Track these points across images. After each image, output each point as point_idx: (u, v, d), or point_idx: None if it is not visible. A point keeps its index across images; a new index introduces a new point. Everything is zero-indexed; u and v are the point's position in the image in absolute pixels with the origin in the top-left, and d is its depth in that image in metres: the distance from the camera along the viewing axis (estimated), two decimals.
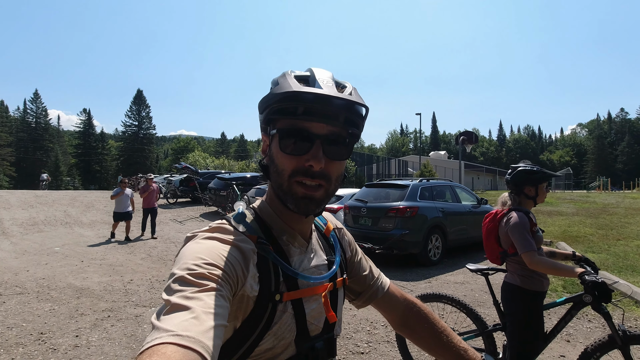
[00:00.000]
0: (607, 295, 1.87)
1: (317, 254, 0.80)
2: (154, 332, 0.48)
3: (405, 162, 34.53)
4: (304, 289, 0.73)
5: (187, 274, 0.56)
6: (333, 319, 0.77)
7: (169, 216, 13.66)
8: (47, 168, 54.93)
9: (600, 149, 74.14)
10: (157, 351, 0.44)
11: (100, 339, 3.57)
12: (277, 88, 0.67)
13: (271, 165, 0.72)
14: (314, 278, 0.75)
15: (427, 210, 6.87)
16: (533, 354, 2.19)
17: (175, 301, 0.52)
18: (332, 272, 0.79)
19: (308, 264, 0.76)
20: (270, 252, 0.69)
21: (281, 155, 0.69)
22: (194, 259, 0.59)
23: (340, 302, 0.85)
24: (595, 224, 10.13)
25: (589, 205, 14.37)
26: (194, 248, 0.63)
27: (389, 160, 34.53)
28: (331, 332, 0.79)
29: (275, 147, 0.70)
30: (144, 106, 67.43)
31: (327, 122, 0.67)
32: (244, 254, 0.65)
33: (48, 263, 6.73)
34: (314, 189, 0.69)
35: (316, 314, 0.75)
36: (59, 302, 4.61)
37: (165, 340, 0.46)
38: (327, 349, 0.77)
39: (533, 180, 2.27)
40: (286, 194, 0.70)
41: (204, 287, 0.55)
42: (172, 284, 0.55)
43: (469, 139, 21.01)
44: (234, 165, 32.21)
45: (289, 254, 0.74)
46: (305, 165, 0.67)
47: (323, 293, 0.75)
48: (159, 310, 0.52)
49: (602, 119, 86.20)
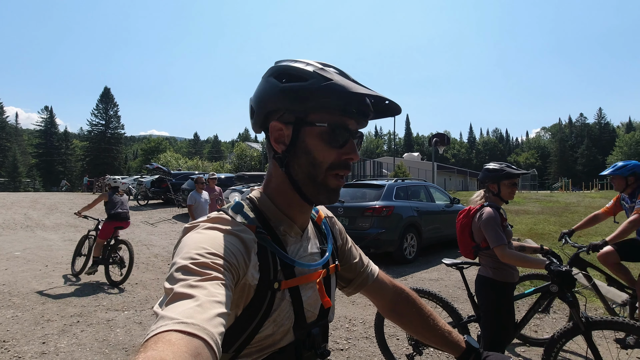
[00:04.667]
0: (572, 282, 2.01)
1: (311, 242, 0.82)
2: (159, 321, 0.47)
3: (379, 163, 34.98)
4: (301, 276, 0.75)
5: (191, 263, 0.56)
6: (328, 304, 0.79)
7: (140, 218, 13.21)
8: (4, 169, 51.70)
9: (562, 152, 78.41)
10: (162, 338, 0.44)
11: (70, 345, 3.41)
12: (336, 85, 0.67)
13: (302, 157, 0.72)
14: (309, 265, 0.77)
15: (402, 210, 7.03)
16: (505, 342, 2.31)
17: (178, 290, 0.52)
18: (325, 259, 0.82)
19: (304, 252, 0.78)
20: (269, 242, 0.71)
21: (323, 147, 0.71)
22: (197, 248, 0.59)
23: (333, 288, 0.87)
24: (558, 221, 10.71)
25: (552, 204, 15.16)
26: (196, 238, 0.63)
27: (364, 161, 34.88)
28: (325, 318, 0.82)
29: (315, 140, 0.71)
30: (112, 105, 64.93)
31: (358, 119, 0.73)
32: (245, 243, 0.66)
33: (8, 268, 6.34)
34: (343, 180, 0.74)
35: (312, 301, 0.77)
36: (22, 309, 4.36)
37: (170, 327, 0.46)
38: (322, 334, 0.80)
39: (493, 178, 2.39)
40: (319, 185, 0.72)
41: (207, 276, 0.55)
42: (175, 273, 0.55)
43: (441, 141, 21.63)
44: (208, 166, 31.60)
45: (285, 243, 0.75)
46: (343, 158, 0.72)
47: (317, 279, 0.78)
48: (162, 300, 0.53)
49: (564, 123, 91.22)
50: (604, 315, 4.02)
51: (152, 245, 8.65)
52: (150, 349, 0.43)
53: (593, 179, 42.38)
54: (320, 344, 0.79)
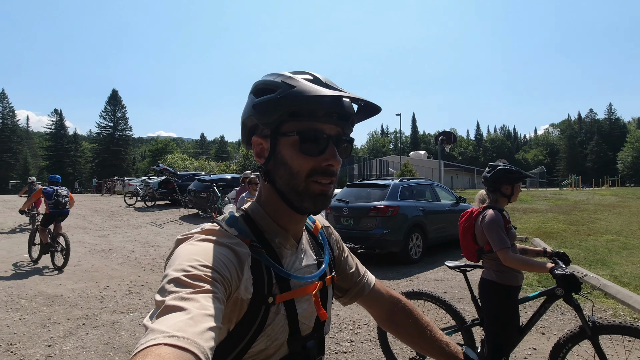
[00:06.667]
0: (577, 286, 1.96)
1: (307, 253, 0.81)
2: (148, 334, 0.46)
3: (386, 162, 34.91)
4: (296, 289, 0.73)
5: (183, 275, 0.55)
6: (324, 316, 0.78)
7: (147, 219, 13.32)
8: (15, 171, 52.57)
9: (571, 148, 77.35)
10: (151, 352, 0.43)
11: (75, 348, 3.44)
12: (297, 91, 0.66)
13: (280, 168, 0.71)
14: (305, 278, 0.76)
15: (407, 210, 6.98)
16: (510, 346, 2.26)
17: (169, 302, 0.51)
18: (321, 271, 0.81)
19: (299, 265, 0.77)
20: (263, 255, 0.70)
21: (298, 157, 0.69)
22: (190, 260, 0.58)
23: (330, 300, 0.86)
24: (567, 220, 10.56)
25: (561, 202, 14.95)
26: (189, 249, 0.62)
27: (369, 160, 34.85)
28: (321, 330, 0.80)
29: (290, 150, 0.69)
30: (120, 107, 65.71)
31: (337, 123, 0.70)
32: (239, 256, 0.65)
33: (18, 270, 6.44)
34: (328, 186, 0.71)
35: (307, 314, 0.76)
36: (29, 311, 4.42)
37: (160, 341, 0.44)
38: (318, 347, 0.79)
39: (510, 180, 2.35)
40: (302, 194, 0.71)
41: (199, 289, 0.54)
42: (167, 285, 0.54)
43: (448, 139, 21.49)
44: (214, 166, 31.75)
45: (281, 256, 0.74)
46: (323, 165, 0.69)
47: (313, 292, 0.77)
48: (152, 313, 0.52)
49: (573, 119, 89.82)
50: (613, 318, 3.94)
51: (158, 247, 8.70)
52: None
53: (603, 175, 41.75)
54: (316, 357, 0.78)
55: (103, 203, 18.56)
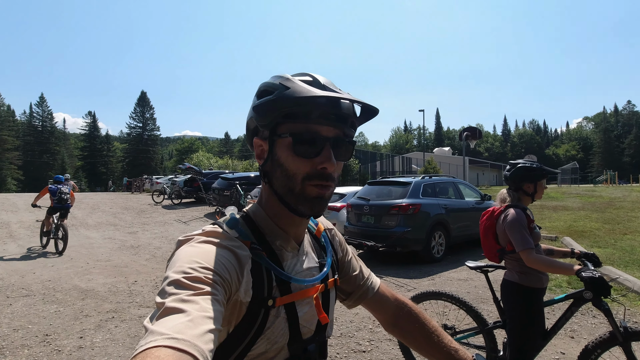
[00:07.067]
0: (606, 289, 1.86)
1: (309, 256, 0.81)
2: (148, 336, 0.47)
3: (409, 159, 34.35)
4: (297, 292, 0.73)
5: (183, 277, 0.55)
6: (325, 320, 0.77)
7: (173, 217, 13.74)
8: (54, 171, 55.47)
9: (607, 142, 73.39)
10: (150, 354, 0.43)
11: (104, 340, 3.60)
12: (290, 92, 0.66)
13: (277, 169, 0.71)
14: (306, 281, 0.75)
15: (429, 207, 6.85)
16: (533, 350, 2.18)
17: (169, 304, 0.51)
18: (323, 274, 0.80)
19: (300, 267, 0.77)
20: (263, 258, 0.69)
21: (293, 159, 0.69)
22: (190, 262, 0.59)
23: (332, 303, 0.85)
24: (601, 218, 10.04)
25: (595, 199, 14.23)
26: (189, 251, 0.62)
27: (392, 157, 34.40)
28: (323, 334, 0.79)
29: (285, 152, 0.69)
30: (148, 108, 68.01)
31: (334, 125, 0.69)
32: (240, 259, 0.65)
33: (54, 265, 6.81)
34: (325, 189, 0.70)
35: (308, 317, 0.75)
36: (64, 304, 4.66)
37: (160, 343, 0.45)
38: (319, 351, 0.78)
39: (532, 177, 2.26)
40: (298, 196, 0.70)
41: (199, 291, 0.54)
42: (167, 287, 0.55)
43: (473, 135, 20.90)
44: (237, 165, 32.26)
45: (282, 258, 0.74)
46: (318, 167, 0.68)
47: (315, 295, 0.76)
48: (152, 314, 0.52)
49: (609, 111, 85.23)
50: None
51: None
52: None
53: None
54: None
55: (133, 201, 19.29)
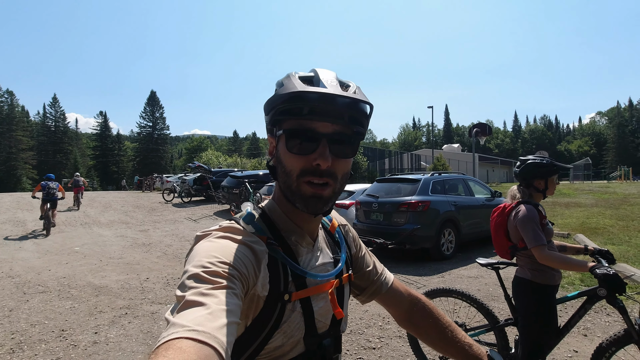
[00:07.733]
0: (621, 286, 1.83)
1: (324, 251, 0.82)
2: (170, 328, 0.48)
3: (418, 155, 34.13)
4: (312, 287, 0.74)
5: (202, 271, 0.57)
6: (340, 315, 0.78)
7: (183, 215, 13.89)
8: (67, 170, 56.52)
9: (621, 138, 71.78)
10: (172, 345, 0.45)
11: (118, 336, 3.67)
12: (282, 89, 0.68)
13: (279, 166, 0.73)
14: (321, 276, 0.76)
15: (439, 205, 6.80)
16: (546, 348, 2.16)
17: (189, 298, 0.53)
18: (338, 269, 0.81)
19: (315, 263, 0.78)
20: (279, 253, 0.71)
21: (288, 155, 0.70)
22: (208, 257, 0.60)
23: (346, 298, 0.86)
24: (615, 215, 9.85)
25: (608, 195, 13.97)
26: (207, 246, 0.64)
27: (401, 154, 34.22)
28: (338, 328, 0.81)
29: (282, 148, 0.71)
30: (158, 107, 68.71)
31: (332, 121, 0.68)
32: (257, 254, 0.67)
33: (69, 262, 6.95)
34: (321, 188, 0.70)
35: (324, 312, 0.76)
36: (79, 300, 4.76)
37: (181, 335, 0.46)
38: (334, 345, 0.79)
39: (542, 173, 2.23)
40: (294, 194, 0.71)
41: (218, 285, 0.56)
42: (187, 281, 0.56)
43: (483, 131, 20.66)
44: (246, 163, 32.45)
45: (297, 254, 0.75)
46: (313, 164, 0.68)
47: (330, 290, 0.77)
48: (173, 307, 0.54)
49: (623, 106, 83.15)
50: None
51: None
52: (161, 355, 0.44)
53: None
54: (332, 355, 0.78)
55: (144, 199, 19.55)
